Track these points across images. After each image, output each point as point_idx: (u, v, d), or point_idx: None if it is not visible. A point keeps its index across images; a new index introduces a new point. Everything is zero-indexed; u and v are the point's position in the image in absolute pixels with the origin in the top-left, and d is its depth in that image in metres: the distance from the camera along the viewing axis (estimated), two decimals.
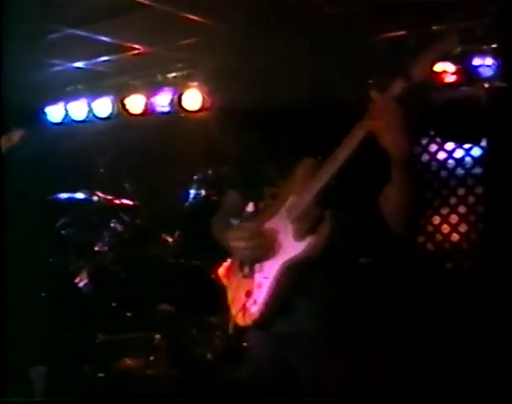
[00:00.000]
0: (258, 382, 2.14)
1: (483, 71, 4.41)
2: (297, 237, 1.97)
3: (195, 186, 5.15)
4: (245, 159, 2.17)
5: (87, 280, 4.77)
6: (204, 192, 5.09)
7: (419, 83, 1.77)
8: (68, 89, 6.43)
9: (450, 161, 5.08)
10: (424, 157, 5.13)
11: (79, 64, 5.59)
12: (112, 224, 5.15)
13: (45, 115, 6.58)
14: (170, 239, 5.15)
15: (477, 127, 4.73)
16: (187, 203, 5.16)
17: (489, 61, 4.37)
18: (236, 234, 2.11)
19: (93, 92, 6.27)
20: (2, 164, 3.05)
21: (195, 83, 5.62)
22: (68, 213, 5.33)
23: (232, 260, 2.24)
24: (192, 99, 5.67)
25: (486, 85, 4.50)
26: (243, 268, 2.12)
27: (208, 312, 4.36)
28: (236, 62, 1.99)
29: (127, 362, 4.28)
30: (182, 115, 5.85)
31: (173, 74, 5.83)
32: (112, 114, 6.16)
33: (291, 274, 1.98)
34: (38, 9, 3.94)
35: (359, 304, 2.02)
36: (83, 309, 4.63)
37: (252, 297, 2.05)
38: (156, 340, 4.36)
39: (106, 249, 5.08)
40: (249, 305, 2.05)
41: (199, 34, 4.59)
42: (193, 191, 5.15)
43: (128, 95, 6.05)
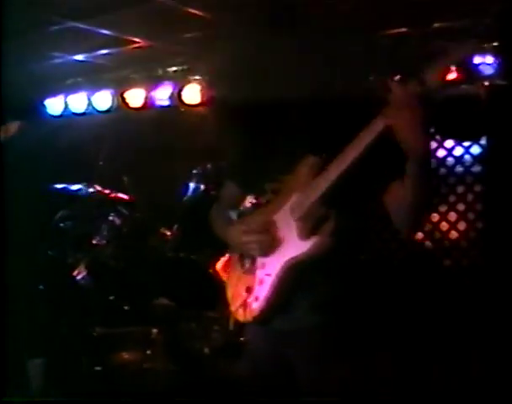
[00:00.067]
0: (256, 378, 2.14)
1: (484, 69, 4.40)
2: (302, 236, 1.95)
3: (195, 180, 5.14)
4: (245, 152, 2.16)
5: (85, 273, 4.77)
6: (203, 186, 5.08)
7: (432, 89, 1.74)
8: (68, 82, 6.40)
9: (449, 158, 5.08)
10: None
11: (79, 57, 5.56)
12: (110, 217, 5.15)
13: (45, 108, 6.56)
14: (169, 233, 5.15)
15: (477, 125, 4.73)
16: (186, 197, 5.16)
17: (490, 60, 4.36)
18: (243, 228, 2.08)
19: (93, 85, 6.25)
20: (1, 156, 3.04)
21: (195, 77, 5.61)
22: (67, 206, 5.32)
23: (231, 255, 2.23)
24: (192, 93, 5.67)
25: (486, 83, 4.50)
26: (244, 263, 2.11)
27: (206, 307, 4.35)
28: (238, 57, 1.98)
29: (124, 356, 4.27)
30: (182, 109, 5.85)
31: (174, 68, 5.81)
32: (112, 108, 6.15)
33: (294, 272, 1.97)
34: (38, 1, 3.93)
35: (358, 301, 2.02)
36: (81, 302, 4.63)
37: (253, 293, 2.04)
38: (153, 334, 4.36)
39: (104, 242, 5.08)
40: (250, 301, 2.04)
41: (199, 28, 4.57)
42: (192, 185, 5.14)
43: (128, 88, 6.03)
